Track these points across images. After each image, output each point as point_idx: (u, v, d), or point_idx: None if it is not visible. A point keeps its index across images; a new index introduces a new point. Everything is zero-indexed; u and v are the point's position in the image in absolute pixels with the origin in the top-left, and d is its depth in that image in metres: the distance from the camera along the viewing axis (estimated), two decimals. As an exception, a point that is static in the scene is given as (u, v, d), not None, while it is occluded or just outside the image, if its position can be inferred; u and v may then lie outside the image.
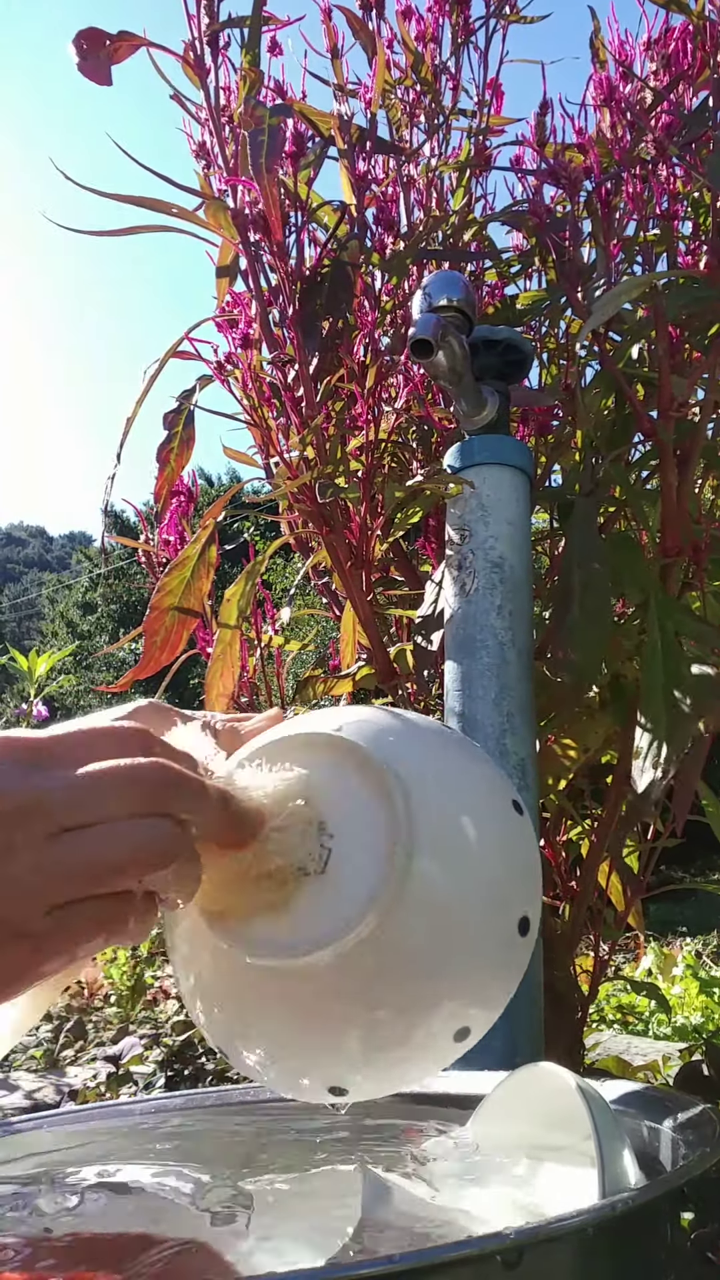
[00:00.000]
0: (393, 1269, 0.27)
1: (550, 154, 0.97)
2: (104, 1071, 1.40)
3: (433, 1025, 0.40)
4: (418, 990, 0.39)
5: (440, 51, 1.00)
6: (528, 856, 0.44)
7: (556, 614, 0.81)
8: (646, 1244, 0.35)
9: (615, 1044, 1.82)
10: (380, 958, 0.38)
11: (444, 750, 0.44)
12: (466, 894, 0.40)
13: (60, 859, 0.32)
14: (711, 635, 0.77)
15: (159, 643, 0.87)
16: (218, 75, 0.90)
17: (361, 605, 0.87)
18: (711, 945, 3.58)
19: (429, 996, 0.40)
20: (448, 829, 0.40)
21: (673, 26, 0.92)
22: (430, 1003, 0.40)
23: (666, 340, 0.78)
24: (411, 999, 0.39)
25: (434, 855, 0.39)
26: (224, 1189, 0.47)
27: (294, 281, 0.83)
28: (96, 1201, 0.47)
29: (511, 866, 0.42)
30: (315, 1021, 0.40)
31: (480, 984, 0.41)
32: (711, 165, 0.75)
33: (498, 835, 0.42)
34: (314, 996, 0.39)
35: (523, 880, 0.43)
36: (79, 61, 0.85)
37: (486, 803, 0.43)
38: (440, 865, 0.39)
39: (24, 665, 2.23)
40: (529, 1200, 0.43)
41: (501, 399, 0.83)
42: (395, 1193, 0.44)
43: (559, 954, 0.89)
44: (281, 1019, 0.40)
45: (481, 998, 0.42)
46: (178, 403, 0.96)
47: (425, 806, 0.39)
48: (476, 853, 0.41)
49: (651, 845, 0.97)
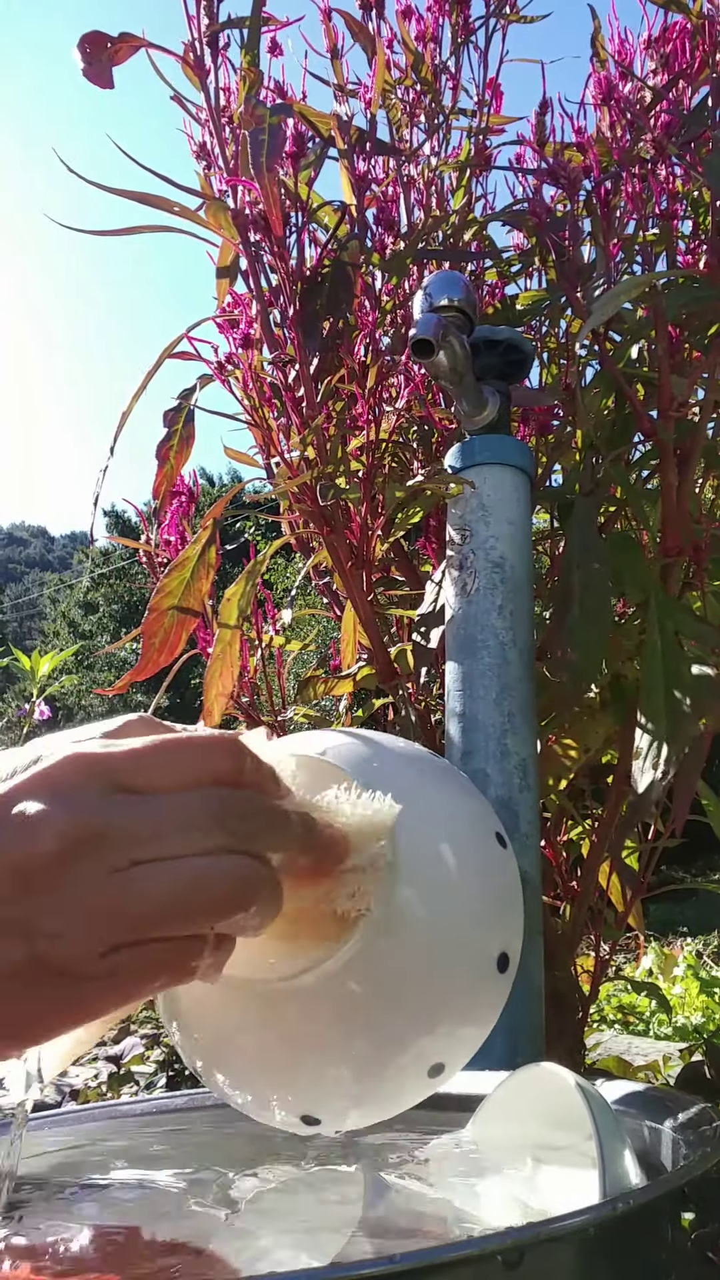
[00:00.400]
0: (393, 1269, 0.27)
1: (550, 153, 0.97)
2: (105, 1071, 1.40)
3: (408, 1058, 0.40)
4: (395, 1021, 0.39)
5: (440, 51, 1.00)
6: (510, 891, 0.43)
7: (557, 614, 0.81)
8: (647, 1244, 0.35)
9: (616, 1044, 1.82)
10: (359, 986, 0.37)
11: (430, 780, 0.44)
12: (446, 925, 0.39)
13: (126, 897, 0.29)
14: (712, 635, 0.77)
15: (157, 644, 0.87)
16: (217, 76, 0.90)
17: (362, 605, 0.87)
18: (712, 945, 3.58)
19: (406, 1028, 0.39)
20: (430, 859, 0.40)
21: (672, 25, 0.92)
22: (405, 1037, 0.39)
23: (666, 340, 0.78)
24: (389, 1030, 0.39)
25: (416, 885, 0.38)
26: (225, 1189, 0.47)
27: (294, 281, 0.83)
28: (98, 1201, 0.47)
29: (493, 900, 0.42)
30: (292, 1048, 0.39)
31: (457, 1019, 0.41)
32: (710, 165, 0.75)
33: (480, 868, 0.42)
34: (292, 1022, 0.38)
35: (503, 915, 0.42)
36: (84, 67, 0.85)
37: (470, 835, 0.42)
38: (421, 895, 0.39)
39: (26, 665, 2.24)
40: (530, 1200, 0.43)
41: (502, 399, 0.83)
42: (396, 1193, 0.44)
43: (560, 954, 0.89)
44: (255, 1045, 0.40)
45: (457, 1033, 0.41)
46: (178, 401, 0.96)
47: (408, 835, 0.38)
48: (458, 885, 0.40)
49: (652, 845, 0.97)
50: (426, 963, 0.39)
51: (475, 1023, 0.42)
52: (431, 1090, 0.42)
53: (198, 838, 0.30)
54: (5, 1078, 0.36)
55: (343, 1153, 0.51)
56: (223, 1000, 0.39)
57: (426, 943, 0.39)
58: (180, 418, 0.95)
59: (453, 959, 0.40)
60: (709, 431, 0.84)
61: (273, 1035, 0.39)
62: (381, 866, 0.36)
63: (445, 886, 0.40)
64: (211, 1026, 0.41)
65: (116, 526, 15.60)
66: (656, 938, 3.95)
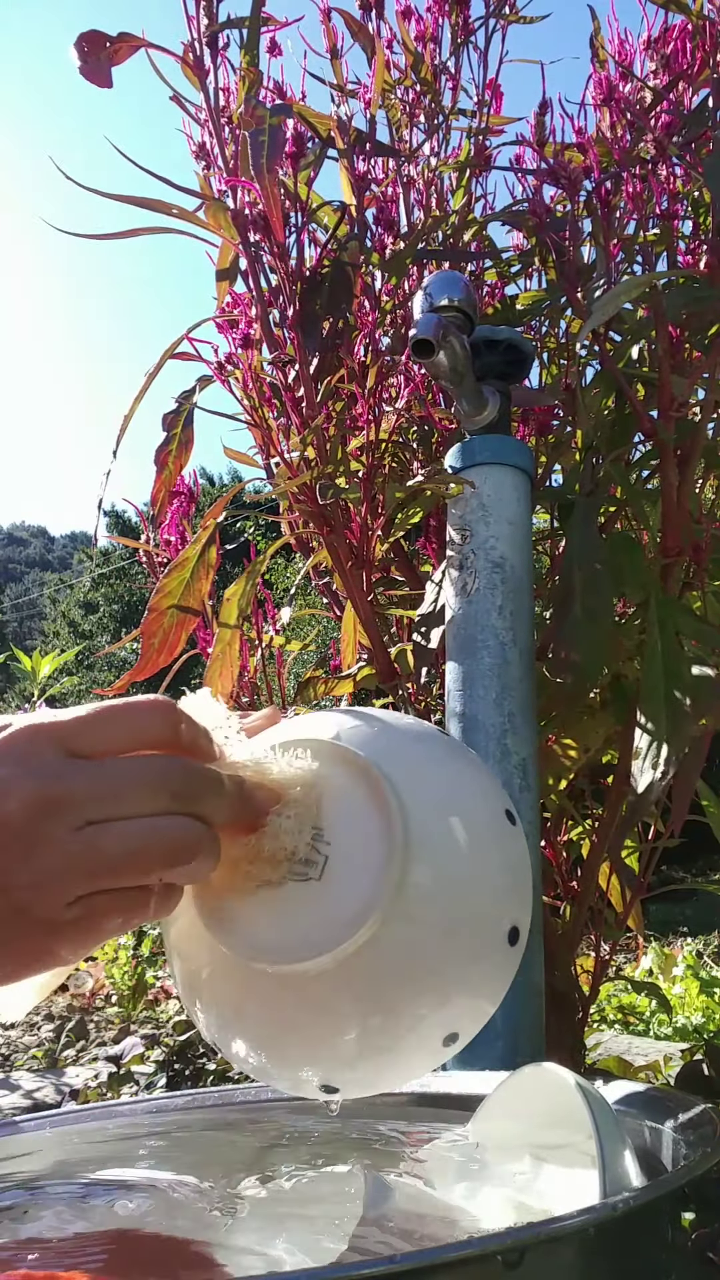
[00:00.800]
0: (394, 1269, 0.27)
1: (550, 154, 0.97)
2: (105, 1071, 1.40)
3: (423, 1030, 0.41)
4: (410, 997, 0.40)
5: (440, 51, 1.00)
6: (520, 866, 0.44)
7: (557, 614, 0.81)
8: (647, 1244, 0.35)
9: (616, 1044, 1.82)
10: (375, 964, 0.38)
11: (440, 758, 0.44)
12: (459, 903, 0.40)
13: (86, 853, 0.33)
14: (712, 635, 0.77)
15: (157, 644, 0.87)
16: (217, 76, 0.90)
17: (362, 605, 0.87)
18: (712, 945, 3.58)
19: (421, 1003, 0.40)
20: (442, 838, 0.40)
21: (672, 26, 0.92)
22: (422, 1009, 0.40)
23: (666, 340, 0.78)
24: (404, 1005, 0.40)
25: (429, 864, 0.39)
26: (225, 1189, 0.47)
27: (294, 282, 0.83)
28: (98, 1201, 0.47)
29: (503, 876, 0.43)
30: (310, 1023, 0.40)
31: (470, 992, 0.42)
32: (710, 166, 0.75)
33: (491, 845, 0.42)
34: (310, 1000, 0.39)
35: (514, 890, 0.43)
36: (81, 65, 0.85)
37: (480, 812, 0.43)
38: (434, 874, 0.39)
39: (28, 666, 2.24)
40: (530, 1200, 0.43)
41: (502, 399, 0.83)
42: (397, 1193, 0.44)
43: (560, 954, 0.89)
44: (277, 1019, 0.41)
45: (471, 1005, 0.42)
46: (177, 404, 0.95)
47: (420, 815, 0.40)
48: (469, 862, 0.41)
49: (652, 845, 0.97)
50: (440, 937, 0.40)
51: (488, 995, 0.43)
52: (446, 1058, 0.43)
53: (145, 800, 0.34)
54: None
55: (343, 1153, 0.51)
56: (242, 980, 0.40)
57: (440, 918, 0.40)
58: (179, 422, 0.95)
59: (466, 933, 0.40)
60: (709, 431, 0.84)
61: (291, 1013, 0.40)
62: (298, 807, 0.40)
63: (458, 862, 0.41)
64: (231, 1005, 0.42)
65: (117, 526, 15.60)
66: (656, 938, 3.95)
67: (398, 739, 0.44)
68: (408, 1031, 0.40)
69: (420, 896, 0.39)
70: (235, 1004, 0.41)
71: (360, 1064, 0.41)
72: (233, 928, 0.39)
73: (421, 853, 0.39)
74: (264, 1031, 0.41)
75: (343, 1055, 0.41)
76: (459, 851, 0.41)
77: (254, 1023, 0.41)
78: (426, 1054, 0.42)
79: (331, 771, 0.41)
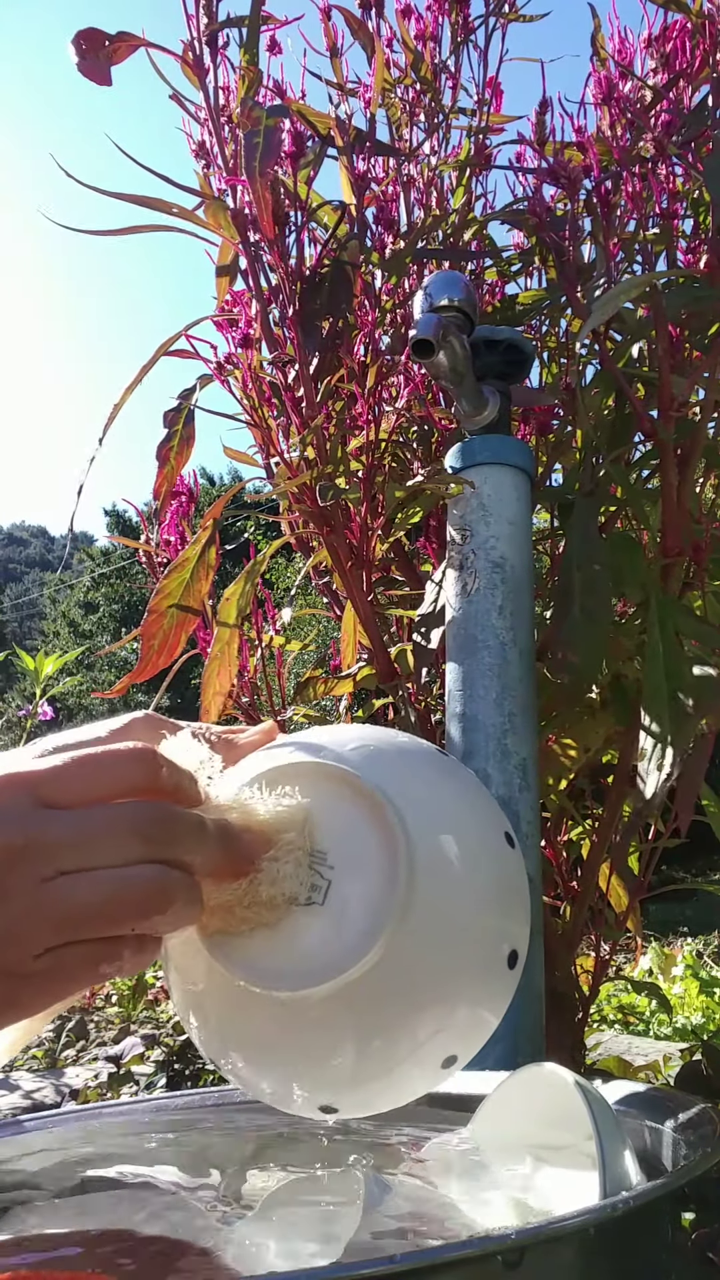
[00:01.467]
0: (394, 1269, 0.27)
1: (550, 152, 0.97)
2: (105, 1071, 1.40)
3: (422, 1052, 0.41)
4: (411, 1019, 0.40)
5: (440, 50, 1.00)
6: (519, 889, 0.44)
7: (557, 614, 0.81)
8: (647, 1244, 0.35)
9: (616, 1044, 1.82)
10: (376, 987, 0.38)
11: (440, 780, 0.44)
12: (460, 928, 0.40)
13: (55, 905, 0.32)
14: (712, 635, 0.77)
15: (156, 646, 0.87)
16: (217, 75, 0.90)
17: (362, 605, 0.87)
18: (712, 945, 3.58)
19: (421, 1025, 0.40)
20: (444, 862, 0.40)
21: (672, 24, 0.92)
22: (421, 1033, 0.40)
23: (666, 340, 0.78)
24: (404, 1028, 0.40)
25: (431, 888, 0.39)
26: (225, 1189, 0.47)
27: (294, 281, 0.83)
28: (98, 1201, 0.47)
29: (503, 901, 0.43)
30: (309, 1046, 0.40)
31: (470, 1015, 0.42)
32: (710, 165, 0.75)
33: (492, 868, 0.43)
34: (310, 1022, 0.39)
35: (514, 914, 0.43)
36: (78, 61, 0.85)
37: (481, 835, 0.43)
38: (437, 898, 0.39)
39: (30, 666, 2.23)
40: (530, 1200, 0.43)
41: (502, 399, 0.83)
42: (396, 1192, 0.44)
43: (560, 954, 0.89)
44: (275, 1041, 0.40)
45: (470, 1028, 0.42)
46: (178, 401, 0.95)
47: (423, 838, 0.39)
48: (471, 886, 0.41)
49: (652, 845, 0.97)
50: (442, 961, 0.39)
51: (486, 1017, 0.43)
52: (445, 1079, 0.43)
53: (117, 848, 0.33)
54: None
55: (343, 1153, 0.51)
56: (241, 999, 0.39)
57: (442, 941, 0.39)
58: (180, 418, 0.95)
59: (467, 957, 0.41)
60: (709, 431, 0.84)
61: (292, 1037, 0.40)
62: (293, 851, 0.39)
63: (459, 885, 0.41)
64: (229, 1023, 0.42)
65: (117, 526, 15.58)
66: (656, 938, 3.95)
67: (398, 761, 0.43)
68: (407, 1054, 0.40)
69: (423, 920, 0.39)
70: (233, 1022, 0.41)
71: (359, 1085, 0.41)
72: (233, 952, 0.39)
73: (424, 876, 0.39)
74: (262, 1051, 0.41)
75: (342, 1077, 0.41)
76: (460, 875, 0.41)
77: (252, 1042, 0.41)
78: (425, 1076, 0.43)
79: (331, 795, 0.40)
